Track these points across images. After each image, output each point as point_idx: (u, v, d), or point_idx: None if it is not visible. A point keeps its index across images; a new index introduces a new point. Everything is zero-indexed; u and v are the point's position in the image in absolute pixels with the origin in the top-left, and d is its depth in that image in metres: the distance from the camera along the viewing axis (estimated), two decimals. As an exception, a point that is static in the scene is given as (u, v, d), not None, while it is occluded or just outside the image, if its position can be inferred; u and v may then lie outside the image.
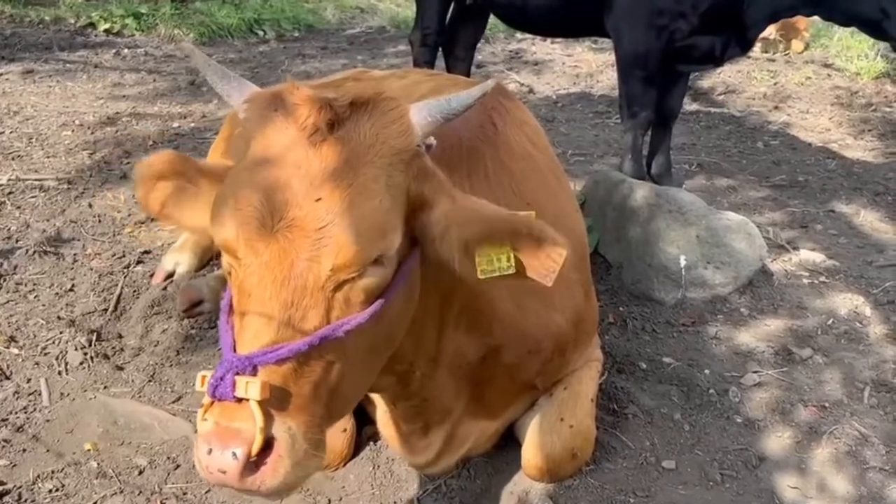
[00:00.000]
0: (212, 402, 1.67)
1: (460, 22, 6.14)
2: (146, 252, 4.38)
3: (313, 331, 1.72)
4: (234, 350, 1.71)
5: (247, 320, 1.73)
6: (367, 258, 1.76)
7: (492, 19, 6.22)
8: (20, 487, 2.81)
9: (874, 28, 4.42)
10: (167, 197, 2.02)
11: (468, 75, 6.16)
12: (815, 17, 4.85)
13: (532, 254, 1.88)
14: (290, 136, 1.80)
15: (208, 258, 4.11)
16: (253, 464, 1.63)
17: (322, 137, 1.79)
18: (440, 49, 6.23)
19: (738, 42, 4.72)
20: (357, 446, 2.99)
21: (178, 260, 4.05)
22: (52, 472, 2.89)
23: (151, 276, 4.09)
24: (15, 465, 2.92)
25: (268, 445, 1.64)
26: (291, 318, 1.71)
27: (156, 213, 2.04)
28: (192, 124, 6.57)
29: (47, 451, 2.99)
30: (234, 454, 1.60)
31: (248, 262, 1.75)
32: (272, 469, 1.64)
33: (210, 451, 1.61)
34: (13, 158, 5.59)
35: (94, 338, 3.59)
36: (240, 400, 1.63)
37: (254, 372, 1.65)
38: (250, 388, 1.62)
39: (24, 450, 3.00)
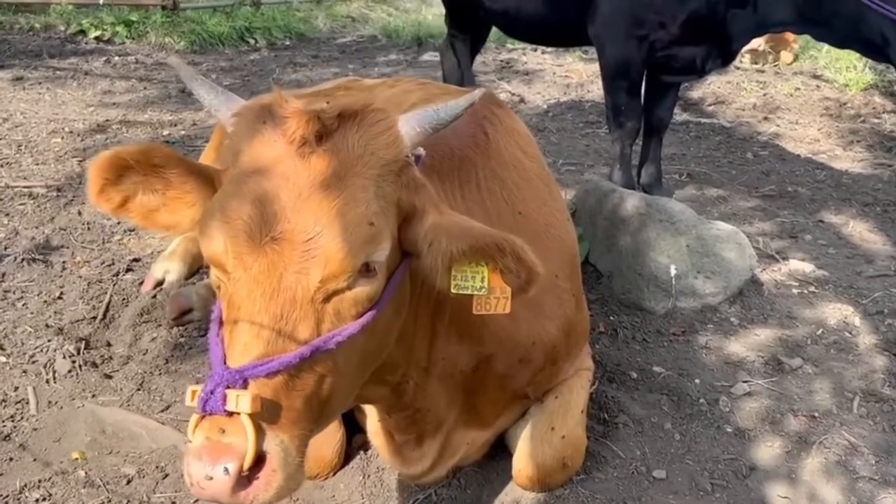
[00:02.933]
0: (202, 417, 1.65)
1: (459, 33, 6.24)
2: (135, 260, 4.37)
3: (304, 343, 1.71)
4: (225, 364, 1.70)
5: (236, 334, 1.72)
6: (356, 265, 1.75)
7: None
8: (7, 497, 2.79)
9: (874, 51, 4.40)
10: (135, 191, 1.95)
11: (462, 85, 6.19)
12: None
13: (508, 276, 1.90)
14: (278, 148, 1.80)
15: (198, 266, 4.09)
16: (245, 478, 1.61)
17: (310, 149, 1.79)
18: (432, 56, 6.37)
19: (721, 54, 4.74)
20: (347, 455, 2.97)
21: (168, 268, 4.03)
22: (40, 481, 2.86)
23: (141, 284, 4.07)
24: (2, 475, 2.90)
25: (259, 459, 1.63)
26: (282, 331, 1.70)
27: (113, 207, 1.95)
28: (183, 132, 6.56)
29: (34, 459, 2.97)
30: (226, 469, 1.58)
31: (237, 275, 1.74)
32: (265, 483, 1.63)
33: (201, 467, 1.59)
34: (2, 165, 5.57)
35: (82, 346, 3.57)
36: (230, 414, 1.62)
37: (244, 385, 1.64)
38: (241, 401, 1.61)
39: (11, 459, 2.97)
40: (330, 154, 1.79)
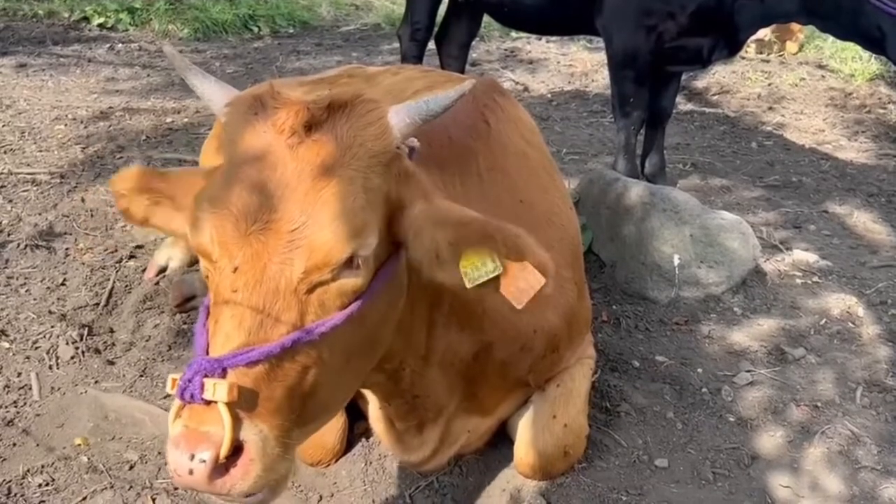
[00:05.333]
0: (182, 405, 1.66)
1: (454, 20, 6.13)
2: (138, 247, 4.37)
3: (286, 334, 1.71)
4: (206, 353, 1.71)
5: (219, 323, 1.73)
6: (340, 258, 1.74)
7: (487, 18, 6.22)
8: (10, 482, 2.80)
9: (873, 44, 4.41)
10: (146, 209, 2.04)
11: (462, 73, 6.14)
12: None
13: (508, 270, 1.85)
14: (267, 139, 1.80)
15: (201, 254, 4.09)
16: (223, 467, 1.62)
17: (299, 140, 1.78)
18: (433, 45, 6.24)
19: (727, 45, 4.74)
20: (349, 442, 2.98)
21: (171, 255, 4.03)
22: (43, 466, 2.88)
23: (143, 270, 4.08)
24: (5, 460, 2.91)
25: (238, 449, 1.64)
26: (264, 322, 1.70)
27: (140, 224, 2.07)
28: (186, 119, 6.54)
29: (37, 445, 2.98)
30: (203, 457, 1.59)
31: (222, 265, 1.74)
32: (242, 472, 1.64)
33: (178, 455, 1.61)
34: (5, 152, 5.56)
35: (85, 332, 3.58)
36: (209, 403, 1.63)
37: (223, 374, 1.65)
38: (218, 390, 1.61)
39: (15, 444, 2.99)
40: (318, 145, 1.79)
